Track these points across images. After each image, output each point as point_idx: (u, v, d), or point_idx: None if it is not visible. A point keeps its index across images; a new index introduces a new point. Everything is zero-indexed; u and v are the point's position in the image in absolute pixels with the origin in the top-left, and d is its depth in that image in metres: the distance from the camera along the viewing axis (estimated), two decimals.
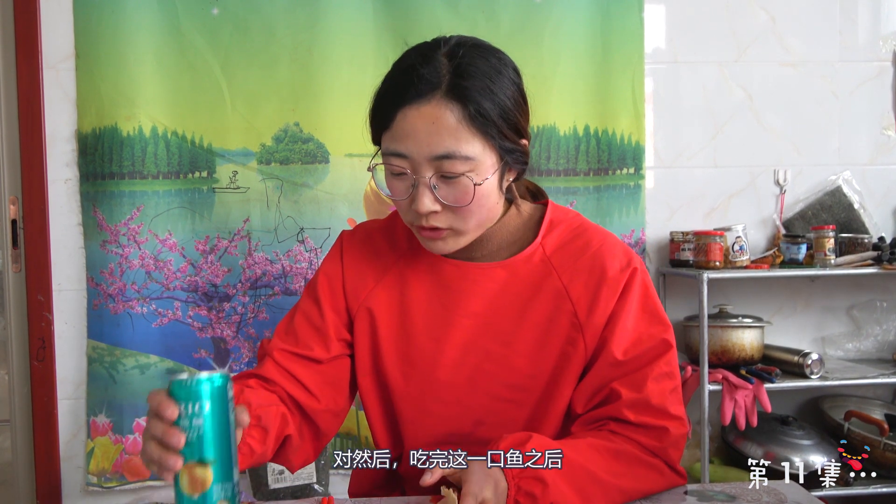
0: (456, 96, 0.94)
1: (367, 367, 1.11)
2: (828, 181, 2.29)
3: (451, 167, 0.95)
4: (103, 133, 2.08)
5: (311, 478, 2.07)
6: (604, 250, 1.06)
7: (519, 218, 1.11)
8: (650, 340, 1.03)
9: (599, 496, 0.94)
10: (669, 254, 2.19)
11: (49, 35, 2.08)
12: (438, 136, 0.94)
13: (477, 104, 0.94)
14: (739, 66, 2.25)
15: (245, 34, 2.10)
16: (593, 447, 0.97)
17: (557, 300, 1.05)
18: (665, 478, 1.02)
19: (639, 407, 1.00)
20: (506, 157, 1.00)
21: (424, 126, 0.94)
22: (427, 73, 0.95)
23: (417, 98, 0.94)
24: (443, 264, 1.09)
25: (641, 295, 1.06)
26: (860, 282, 2.31)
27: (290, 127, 2.12)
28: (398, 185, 0.99)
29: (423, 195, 0.96)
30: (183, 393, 0.74)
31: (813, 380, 2.03)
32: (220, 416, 0.74)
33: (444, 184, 0.96)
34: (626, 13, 2.18)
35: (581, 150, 2.18)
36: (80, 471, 2.14)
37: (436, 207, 0.97)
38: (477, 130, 0.95)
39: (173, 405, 0.74)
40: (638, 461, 0.99)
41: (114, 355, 2.10)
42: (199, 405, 0.73)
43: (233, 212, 2.12)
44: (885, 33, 2.29)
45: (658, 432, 1.01)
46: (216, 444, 0.74)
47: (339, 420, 1.12)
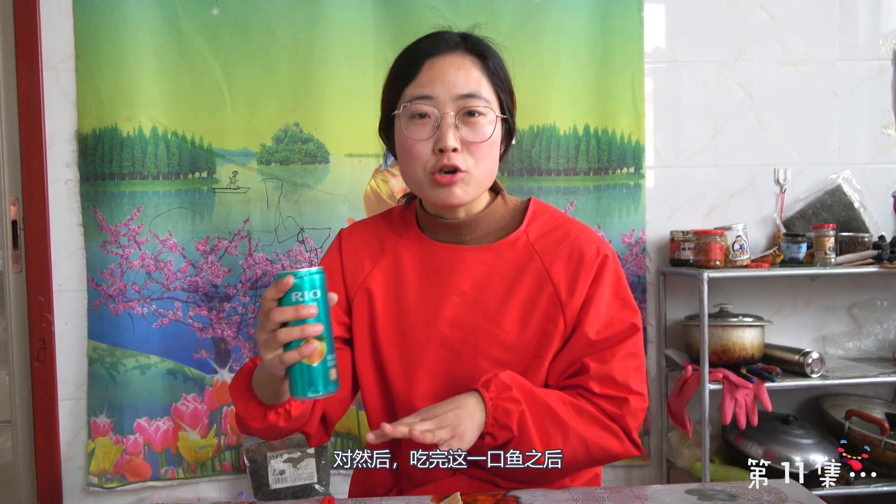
0: (476, 53, 1.12)
1: (366, 346, 1.17)
2: (828, 180, 2.29)
3: (474, 104, 1.08)
4: (103, 133, 2.08)
5: (311, 478, 2.07)
6: (581, 239, 1.16)
7: (504, 207, 1.20)
8: (620, 324, 1.13)
9: (559, 436, 1.05)
10: (670, 253, 2.19)
11: (49, 36, 2.08)
12: (464, 79, 1.09)
13: (494, 62, 1.13)
14: (739, 65, 2.25)
15: (245, 34, 2.10)
16: (561, 397, 1.09)
17: (540, 282, 1.14)
18: (622, 444, 1.10)
19: (604, 380, 1.10)
20: (508, 117, 1.15)
21: (451, 70, 1.09)
22: (446, 36, 1.13)
23: (445, 50, 1.11)
24: (435, 247, 1.18)
25: (614, 281, 1.15)
26: (860, 281, 2.31)
27: (290, 127, 2.12)
28: (420, 130, 1.09)
29: (447, 131, 1.07)
30: (301, 283, 0.89)
31: (813, 379, 2.03)
32: (325, 300, 0.91)
33: (464, 124, 1.08)
34: (626, 13, 2.18)
35: (581, 149, 2.18)
36: (81, 471, 2.14)
37: (457, 144, 1.08)
38: (491, 83, 1.11)
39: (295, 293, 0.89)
40: (598, 421, 1.09)
41: (114, 356, 2.10)
42: (314, 291, 0.89)
43: (233, 212, 2.12)
44: (884, 32, 2.29)
45: (619, 401, 1.10)
46: (326, 322, 0.90)
47: (343, 407, 1.19)
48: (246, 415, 1.04)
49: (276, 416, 1.03)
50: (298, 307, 0.88)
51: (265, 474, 2.05)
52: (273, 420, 1.03)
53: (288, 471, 2.05)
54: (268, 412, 1.03)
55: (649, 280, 2.25)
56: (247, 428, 1.08)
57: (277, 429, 1.06)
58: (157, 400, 2.13)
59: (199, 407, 2.14)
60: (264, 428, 1.05)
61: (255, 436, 1.14)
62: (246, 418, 1.04)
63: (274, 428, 1.05)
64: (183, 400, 2.13)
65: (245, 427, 1.08)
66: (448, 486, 1.12)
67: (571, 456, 1.05)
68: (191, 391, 2.13)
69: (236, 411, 1.06)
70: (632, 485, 2.21)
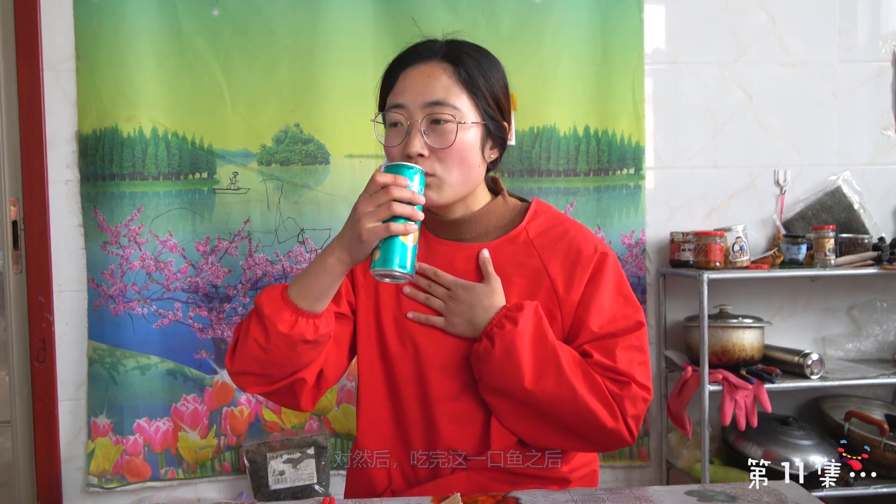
0: (450, 60, 1.13)
1: (372, 339, 1.21)
2: (828, 181, 2.29)
3: (440, 112, 1.10)
4: (104, 134, 2.08)
5: (311, 479, 2.07)
6: (579, 237, 1.19)
7: (505, 206, 1.23)
8: (625, 320, 1.14)
9: (552, 377, 1.08)
10: (670, 254, 2.19)
11: (49, 36, 2.08)
12: (432, 87, 1.11)
13: (467, 68, 1.13)
14: (739, 66, 2.25)
15: (245, 35, 2.10)
16: (573, 354, 1.12)
17: (538, 277, 1.16)
18: (615, 421, 1.09)
19: (607, 367, 1.11)
20: (487, 123, 1.15)
21: (422, 80, 1.12)
22: (428, 44, 1.16)
23: (418, 60, 1.14)
24: (437, 244, 1.21)
25: (616, 280, 1.17)
26: (860, 282, 2.31)
27: (291, 128, 2.12)
28: (394, 136, 1.13)
29: (414, 137, 1.10)
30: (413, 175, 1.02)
31: (813, 380, 2.03)
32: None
33: (432, 130, 1.11)
34: (626, 14, 2.18)
35: (581, 150, 2.18)
36: (81, 472, 2.14)
37: (424, 151, 1.10)
38: (464, 89, 1.12)
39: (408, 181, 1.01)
40: (598, 389, 1.09)
41: (114, 356, 2.10)
42: (417, 178, 1.02)
43: (233, 213, 2.13)
44: (884, 33, 2.30)
45: (620, 384, 1.11)
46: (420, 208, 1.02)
47: (339, 373, 1.22)
48: (276, 317, 1.05)
49: (305, 325, 1.06)
50: (414, 192, 1.01)
51: (265, 475, 2.05)
52: (301, 329, 1.06)
53: (288, 471, 2.05)
54: (300, 318, 1.06)
55: (649, 281, 2.25)
56: (264, 341, 1.07)
57: (298, 343, 1.07)
58: (157, 400, 2.13)
59: (199, 407, 2.14)
60: (289, 334, 1.05)
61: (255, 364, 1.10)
62: (275, 321, 1.05)
63: (297, 339, 1.06)
64: (183, 400, 2.14)
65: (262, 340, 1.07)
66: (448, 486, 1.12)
67: (559, 402, 1.07)
68: (191, 392, 2.13)
69: (262, 315, 1.06)
70: (631, 486, 2.21)
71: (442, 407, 1.15)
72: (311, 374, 1.14)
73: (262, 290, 1.11)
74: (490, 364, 1.09)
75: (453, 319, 1.15)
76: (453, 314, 1.14)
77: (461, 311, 1.14)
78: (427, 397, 1.16)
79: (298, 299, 1.06)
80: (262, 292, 1.10)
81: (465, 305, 1.13)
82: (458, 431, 1.15)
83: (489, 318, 1.12)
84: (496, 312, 1.12)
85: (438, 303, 1.16)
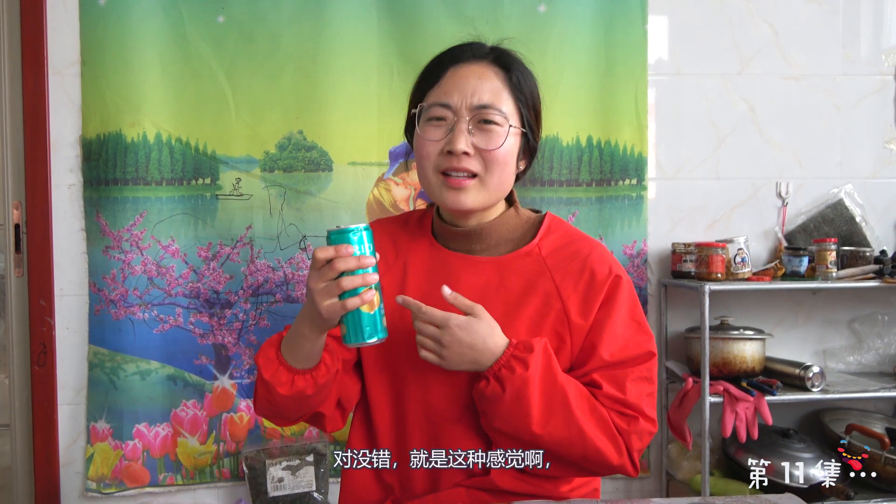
0: (501, 64, 1.14)
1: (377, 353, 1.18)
2: (830, 194, 2.29)
3: (490, 113, 1.10)
4: (107, 139, 2.08)
5: (310, 486, 2.06)
6: (593, 257, 1.15)
7: (517, 218, 1.20)
8: (636, 348, 1.12)
9: (560, 421, 1.04)
10: (671, 265, 2.19)
11: (55, 41, 2.09)
12: (483, 89, 1.10)
13: (518, 75, 1.14)
14: (742, 78, 2.26)
15: (250, 42, 2.11)
16: (581, 390, 1.08)
17: (548, 298, 1.13)
18: (620, 457, 1.08)
19: (616, 399, 1.09)
20: (527, 132, 1.15)
21: (473, 79, 1.11)
22: (479, 45, 1.16)
23: (469, 58, 1.13)
24: (445, 255, 1.18)
25: (630, 305, 1.14)
26: (862, 295, 2.31)
27: (294, 135, 2.12)
28: (435, 131, 1.12)
29: (460, 135, 1.09)
30: (354, 238, 0.97)
31: (814, 393, 2.03)
32: (374, 254, 0.99)
33: (479, 130, 1.10)
34: (630, 25, 2.19)
35: (584, 160, 2.19)
36: (80, 476, 2.14)
37: (469, 149, 1.09)
38: (513, 96, 1.13)
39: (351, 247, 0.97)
40: (605, 426, 1.07)
41: (115, 361, 2.10)
42: (368, 246, 0.98)
43: (235, 219, 2.13)
44: (887, 47, 2.30)
45: (629, 418, 1.09)
46: (378, 273, 0.99)
47: (356, 392, 1.21)
48: (274, 381, 1.06)
49: (304, 382, 1.06)
50: (361, 257, 0.96)
51: (264, 482, 2.05)
52: (301, 386, 1.06)
53: (287, 478, 2.05)
54: (296, 378, 1.06)
55: (650, 292, 2.25)
56: (271, 398, 1.08)
57: (303, 398, 1.07)
58: (157, 406, 2.12)
59: (199, 413, 2.14)
60: (290, 394, 1.06)
61: (272, 414, 1.14)
62: (275, 385, 1.06)
63: (300, 396, 1.07)
64: (182, 406, 2.13)
65: (269, 398, 1.08)
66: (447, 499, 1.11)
67: (566, 444, 1.05)
68: (190, 397, 2.13)
69: (263, 379, 1.07)
70: (631, 497, 2.21)
71: (443, 425, 1.14)
72: (328, 408, 1.15)
73: (261, 348, 1.10)
74: (498, 407, 1.05)
75: (450, 358, 1.05)
76: (450, 352, 1.04)
77: (460, 353, 1.04)
78: (431, 416, 1.15)
79: (291, 360, 1.06)
80: (261, 351, 1.09)
81: (464, 346, 1.03)
82: (461, 444, 1.12)
83: (496, 358, 1.05)
84: (503, 352, 1.05)
85: (429, 343, 1.05)
